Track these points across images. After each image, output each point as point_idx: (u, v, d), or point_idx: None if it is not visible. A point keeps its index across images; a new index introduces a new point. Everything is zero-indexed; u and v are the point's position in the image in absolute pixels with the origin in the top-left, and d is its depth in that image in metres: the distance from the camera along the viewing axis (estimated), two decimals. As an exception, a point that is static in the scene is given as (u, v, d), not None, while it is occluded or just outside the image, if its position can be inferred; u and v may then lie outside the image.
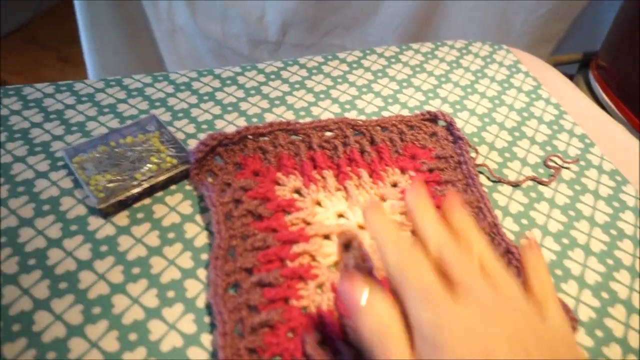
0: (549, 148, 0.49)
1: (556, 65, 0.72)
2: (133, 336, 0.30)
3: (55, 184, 0.39)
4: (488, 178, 0.44)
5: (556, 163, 0.47)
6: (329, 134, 0.44)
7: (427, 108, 0.52)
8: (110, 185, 0.37)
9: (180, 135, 0.45)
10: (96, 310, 0.31)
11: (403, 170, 0.42)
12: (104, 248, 0.35)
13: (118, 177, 0.38)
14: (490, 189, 0.43)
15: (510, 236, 0.39)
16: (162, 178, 0.38)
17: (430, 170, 0.42)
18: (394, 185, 0.41)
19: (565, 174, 0.46)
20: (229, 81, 0.53)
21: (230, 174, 0.39)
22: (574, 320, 0.33)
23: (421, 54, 0.60)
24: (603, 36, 0.93)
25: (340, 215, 0.38)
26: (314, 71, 0.56)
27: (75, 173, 0.38)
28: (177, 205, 0.39)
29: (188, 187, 0.40)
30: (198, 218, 0.38)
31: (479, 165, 0.44)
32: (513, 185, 0.44)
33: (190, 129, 0.46)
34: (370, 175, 0.41)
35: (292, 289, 0.33)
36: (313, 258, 0.35)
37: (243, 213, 0.36)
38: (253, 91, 0.52)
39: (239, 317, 0.30)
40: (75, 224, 0.36)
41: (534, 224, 0.41)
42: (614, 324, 0.35)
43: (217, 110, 0.49)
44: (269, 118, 0.49)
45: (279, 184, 0.40)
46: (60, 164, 0.41)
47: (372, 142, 0.44)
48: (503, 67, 0.59)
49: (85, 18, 1.17)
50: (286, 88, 0.53)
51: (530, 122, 0.52)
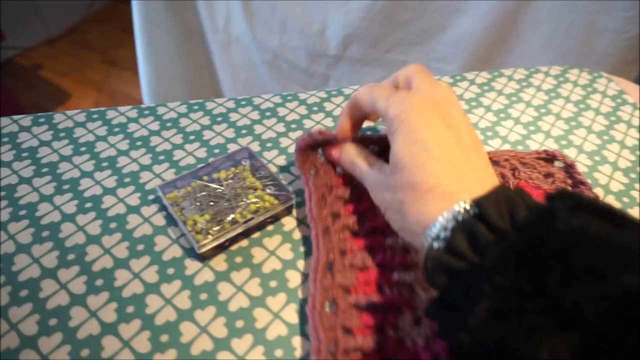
0: (671, 194, 0.44)
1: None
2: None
3: (148, 220, 0.37)
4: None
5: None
6: None
7: (530, 143, 0.47)
8: (210, 227, 0.34)
9: (272, 168, 0.42)
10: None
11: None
12: (203, 296, 0.32)
13: (216, 217, 0.35)
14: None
15: None
16: (262, 219, 0.36)
17: None
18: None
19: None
20: (315, 107, 0.50)
21: (332, 177, 0.38)
22: None
23: (515, 81, 0.56)
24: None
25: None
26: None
27: (172, 212, 0.35)
28: (277, 249, 0.36)
29: (286, 229, 0.37)
30: (300, 264, 0.35)
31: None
32: None
33: (281, 160, 0.43)
34: None
35: (390, 318, 0.31)
36: (412, 288, 0.32)
37: (340, 227, 0.35)
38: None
39: (333, 337, 0.29)
40: (172, 267, 0.34)
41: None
42: None
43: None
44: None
45: None
46: (150, 197, 0.39)
47: None
48: (607, 98, 0.54)
49: (142, 21, 1.17)
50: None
51: (645, 162, 0.47)
